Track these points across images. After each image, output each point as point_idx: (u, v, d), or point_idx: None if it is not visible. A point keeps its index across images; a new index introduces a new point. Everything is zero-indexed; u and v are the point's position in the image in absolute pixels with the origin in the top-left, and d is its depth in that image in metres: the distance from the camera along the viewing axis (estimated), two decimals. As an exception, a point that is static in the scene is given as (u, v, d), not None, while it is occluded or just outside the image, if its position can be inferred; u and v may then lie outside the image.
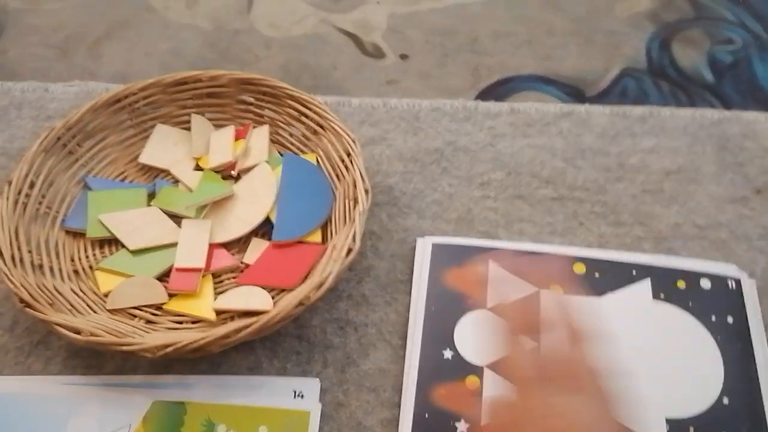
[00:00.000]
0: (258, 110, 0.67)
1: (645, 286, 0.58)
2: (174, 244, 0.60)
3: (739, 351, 0.54)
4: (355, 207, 0.57)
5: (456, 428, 0.51)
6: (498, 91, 0.75)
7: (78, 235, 0.61)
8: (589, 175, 0.67)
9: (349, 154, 0.60)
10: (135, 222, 0.60)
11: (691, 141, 0.70)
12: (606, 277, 0.59)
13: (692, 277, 0.58)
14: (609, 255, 0.60)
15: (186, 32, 0.80)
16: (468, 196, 0.66)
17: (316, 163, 0.64)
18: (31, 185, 0.58)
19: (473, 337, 0.55)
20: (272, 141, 0.67)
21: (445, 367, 0.54)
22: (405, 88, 0.76)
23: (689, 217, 0.64)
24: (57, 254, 0.58)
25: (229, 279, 0.60)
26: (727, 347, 0.54)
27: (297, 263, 0.57)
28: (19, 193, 0.57)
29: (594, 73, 0.77)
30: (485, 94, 0.75)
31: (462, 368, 0.54)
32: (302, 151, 0.66)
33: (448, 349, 0.55)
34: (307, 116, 0.64)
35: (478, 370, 0.54)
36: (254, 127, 0.67)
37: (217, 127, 0.68)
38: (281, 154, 0.66)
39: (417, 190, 0.66)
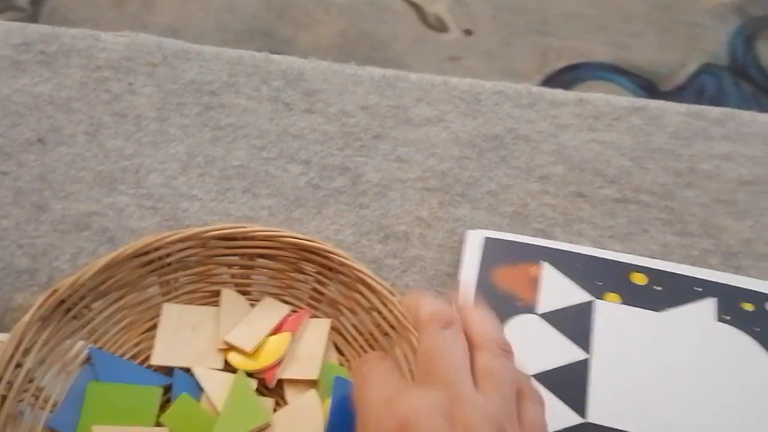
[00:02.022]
0: (319, 286, 0.52)
1: (709, 305, 0.54)
2: None
3: (807, 386, 0.50)
4: None
5: (495, 438, 0.48)
6: (566, 77, 0.71)
7: None
8: (657, 178, 0.63)
9: None
10: None
11: (770, 150, 0.65)
12: (667, 291, 0.55)
13: (761, 299, 0.54)
14: (672, 267, 0.56)
15: (243, -12, 0.77)
16: (525, 190, 0.62)
17: None
18: (18, 366, 0.44)
19: (521, 343, 0.52)
20: (332, 329, 0.52)
21: (487, 372, 0.51)
22: (467, 66, 0.72)
23: (763, 234, 0.60)
24: None
25: None
26: (793, 381, 0.51)
27: None
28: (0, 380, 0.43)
29: (670, 67, 0.72)
30: (552, 80, 0.71)
31: (506, 375, 0.51)
32: (366, 349, 0.51)
33: (492, 352, 0.52)
34: (380, 312, 0.49)
35: (522, 379, 0.51)
36: (311, 317, 0.52)
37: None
38: (339, 355, 0.51)
39: (472, 178, 0.63)
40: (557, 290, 0.55)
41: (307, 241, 0.51)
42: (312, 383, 0.49)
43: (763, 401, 0.50)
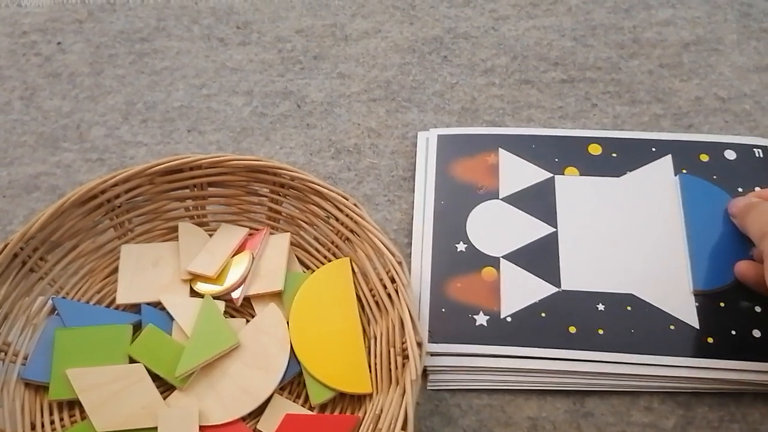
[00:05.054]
0: (274, 205, 0.52)
1: (666, 162, 0.54)
2: (153, 429, 0.44)
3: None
4: (404, 366, 0.42)
5: (475, 321, 0.48)
6: (499, -28, 0.70)
7: (40, 388, 0.46)
8: (600, 54, 0.62)
9: (393, 281, 0.44)
10: (109, 387, 0.45)
11: (711, 9, 0.65)
12: (624, 157, 0.55)
13: (716, 149, 0.54)
14: (626, 134, 0.56)
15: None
16: (471, 85, 0.61)
17: (351, 271, 0.49)
18: None
19: (487, 228, 0.52)
20: (292, 244, 0.52)
21: (459, 260, 0.51)
22: (398, -24, 0.70)
23: (711, 90, 0.60)
24: (14, 419, 0.44)
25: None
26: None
27: None
28: None
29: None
30: (485, -23, 0.69)
31: (477, 260, 0.51)
32: (330, 258, 0.50)
33: (461, 242, 0.52)
34: (337, 219, 0.49)
35: (494, 261, 0.51)
36: (271, 233, 0.52)
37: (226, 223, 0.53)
38: (304, 269, 0.51)
39: (416, 82, 0.62)
40: (516, 173, 0.55)
41: (254, 160, 0.50)
42: (278, 295, 0.49)
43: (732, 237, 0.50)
